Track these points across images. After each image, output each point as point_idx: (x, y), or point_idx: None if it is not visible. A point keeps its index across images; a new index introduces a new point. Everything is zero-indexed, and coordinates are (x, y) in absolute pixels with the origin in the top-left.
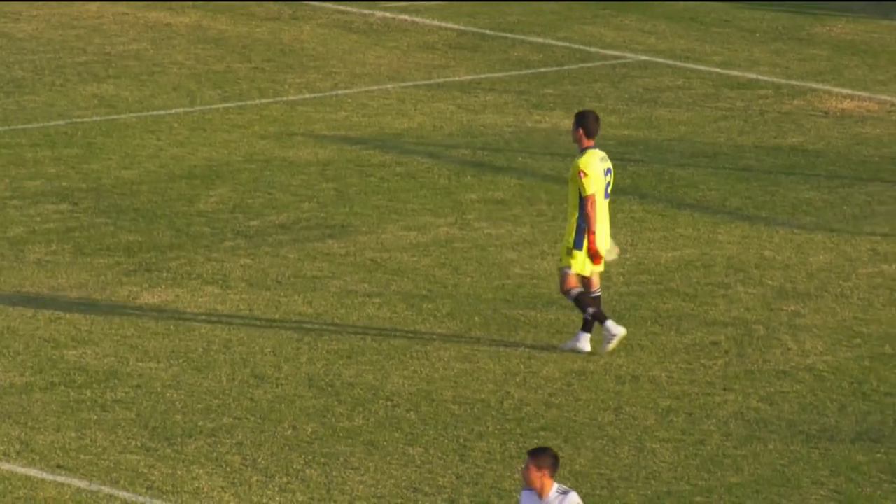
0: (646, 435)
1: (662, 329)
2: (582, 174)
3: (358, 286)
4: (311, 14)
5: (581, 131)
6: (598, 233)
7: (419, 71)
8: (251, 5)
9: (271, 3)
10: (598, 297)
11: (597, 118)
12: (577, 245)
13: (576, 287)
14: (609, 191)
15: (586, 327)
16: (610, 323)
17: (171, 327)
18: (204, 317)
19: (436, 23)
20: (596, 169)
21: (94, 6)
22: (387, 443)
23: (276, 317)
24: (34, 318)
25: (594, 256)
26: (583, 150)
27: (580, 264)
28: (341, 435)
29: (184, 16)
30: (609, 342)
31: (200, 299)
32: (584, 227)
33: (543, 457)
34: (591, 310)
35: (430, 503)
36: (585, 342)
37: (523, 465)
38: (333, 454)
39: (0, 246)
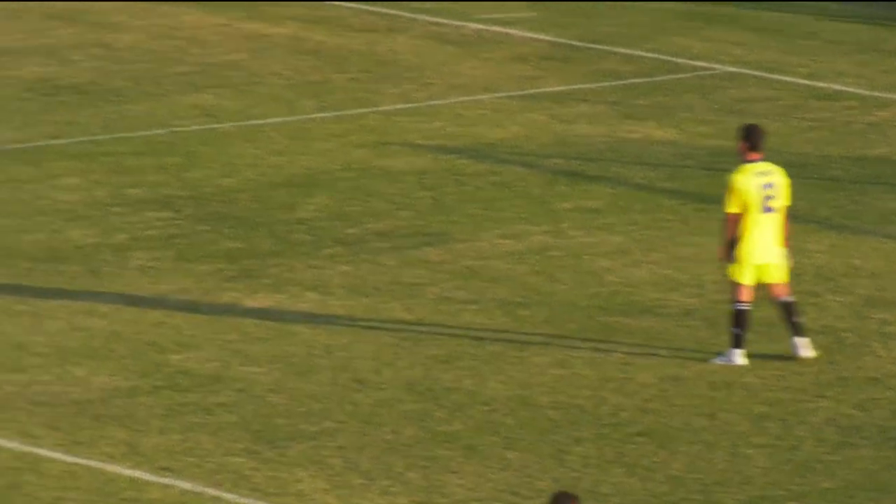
0: (740, 440)
1: (755, 336)
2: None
3: (455, 293)
4: (406, 26)
5: (745, 144)
6: (748, 245)
7: (512, 82)
8: (347, 17)
9: (367, 16)
10: (787, 303)
11: (762, 132)
12: (729, 258)
13: (742, 302)
14: (772, 204)
15: (737, 343)
16: (739, 352)
17: (273, 332)
18: (305, 322)
19: (528, 34)
20: (748, 185)
21: (192, 17)
22: (485, 447)
23: (376, 322)
24: (138, 323)
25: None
26: (744, 163)
27: (740, 273)
28: (440, 439)
29: (281, 27)
30: (721, 360)
31: (301, 305)
32: (732, 239)
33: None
34: (735, 330)
35: None
36: (738, 357)
37: None
38: (433, 458)
39: (103, 252)
